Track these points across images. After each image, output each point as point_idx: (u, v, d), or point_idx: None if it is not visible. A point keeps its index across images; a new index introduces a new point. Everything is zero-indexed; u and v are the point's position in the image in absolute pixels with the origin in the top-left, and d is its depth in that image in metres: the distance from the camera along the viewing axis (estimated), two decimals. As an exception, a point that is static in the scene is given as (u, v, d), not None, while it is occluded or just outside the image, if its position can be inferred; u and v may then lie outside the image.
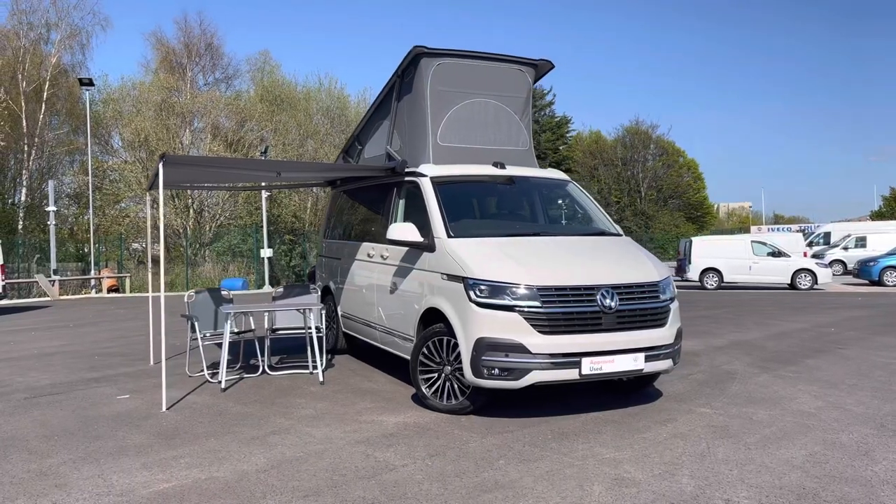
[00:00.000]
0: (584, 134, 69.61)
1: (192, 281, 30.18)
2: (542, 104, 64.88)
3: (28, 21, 33.23)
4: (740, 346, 10.06)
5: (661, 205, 65.48)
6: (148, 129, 32.80)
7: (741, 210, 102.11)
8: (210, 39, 40.34)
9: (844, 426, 5.80)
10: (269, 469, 4.89)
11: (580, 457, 5.09)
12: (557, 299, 5.87)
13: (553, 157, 62.06)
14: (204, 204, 36.21)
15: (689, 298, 20.04)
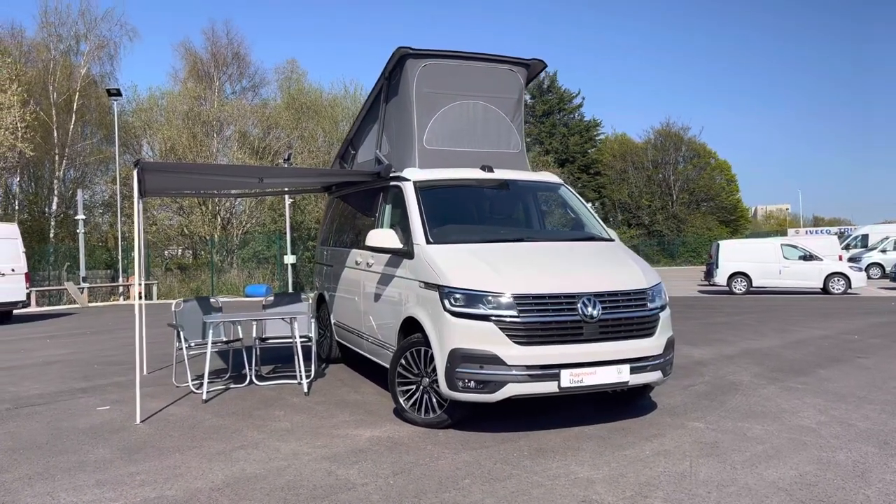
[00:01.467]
0: (612, 137, 68.76)
1: (218, 287, 30.40)
2: (570, 107, 64.37)
3: (57, 33, 33.91)
4: (752, 355, 9.62)
5: (693, 208, 64.31)
6: (175, 137, 33.16)
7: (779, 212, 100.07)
8: (237, 48, 40.76)
9: (844, 443, 5.41)
10: (223, 487, 4.70)
11: (552, 476, 4.80)
12: (535, 308, 5.59)
13: (582, 160, 61.51)
14: (232, 212, 36.51)
15: (712, 304, 19.50)
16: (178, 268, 35.09)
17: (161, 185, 8.70)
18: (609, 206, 63.78)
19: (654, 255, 60.76)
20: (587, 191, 60.86)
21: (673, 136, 65.28)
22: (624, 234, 62.32)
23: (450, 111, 7.43)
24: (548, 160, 57.17)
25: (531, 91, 64.74)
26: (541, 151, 59.83)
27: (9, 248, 20.21)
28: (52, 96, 33.02)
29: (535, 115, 64.04)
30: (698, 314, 16.16)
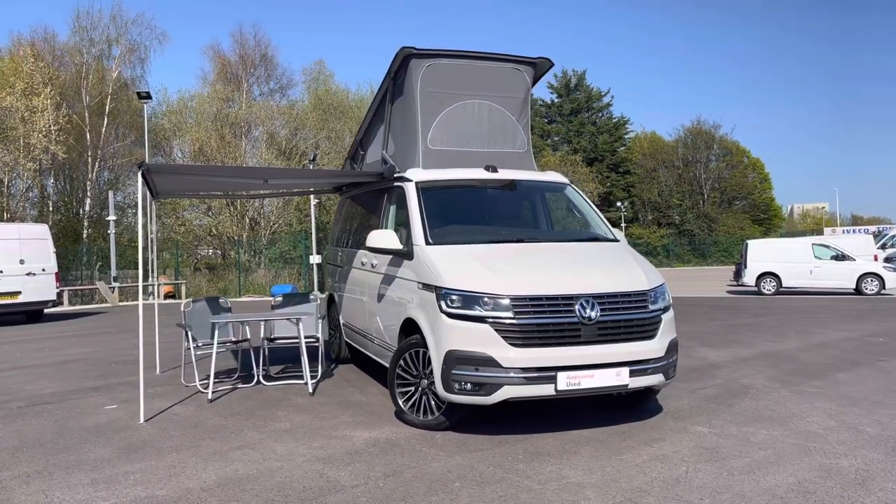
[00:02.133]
0: (641, 135, 68.09)
1: (245, 287, 30.73)
2: (599, 106, 63.92)
3: (90, 37, 34.57)
4: (769, 358, 9.42)
5: (724, 207, 63.45)
6: (203, 139, 33.61)
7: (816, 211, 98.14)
8: (264, 50, 41.20)
9: (850, 449, 5.26)
10: (214, 488, 4.72)
11: (543, 480, 4.74)
12: (532, 310, 5.52)
13: (611, 158, 61.00)
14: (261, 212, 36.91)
15: (738, 305, 19.18)
16: (207, 267, 35.60)
17: (171, 186, 8.80)
18: (638, 205, 63.19)
19: (685, 255, 60.06)
20: (616, 190, 60.39)
21: (704, 133, 64.54)
22: (654, 233, 61.77)
23: (454, 111, 7.39)
24: (576, 159, 56.86)
25: (558, 90, 64.50)
26: (569, 150, 59.55)
27: (39, 249, 20.63)
28: (84, 100, 33.71)
29: (563, 113, 63.74)
30: (721, 315, 15.90)
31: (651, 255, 60.40)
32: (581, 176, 56.01)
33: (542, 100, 65.20)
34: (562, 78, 64.63)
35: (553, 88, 64.80)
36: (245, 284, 31.22)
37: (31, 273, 20.14)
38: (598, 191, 56.90)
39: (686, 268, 55.36)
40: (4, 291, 19.59)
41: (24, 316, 20.91)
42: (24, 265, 19.99)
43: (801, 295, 22.84)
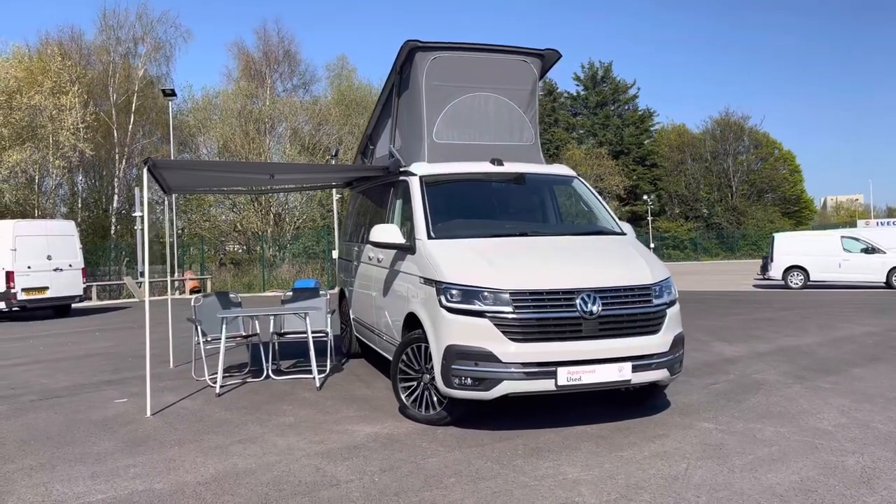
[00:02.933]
0: (668, 127, 67.26)
1: (269, 282, 30.99)
2: (625, 98, 63.30)
3: (116, 36, 35.05)
4: (786, 353, 9.24)
5: (753, 199, 62.51)
6: (228, 135, 33.91)
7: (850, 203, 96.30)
8: (287, 46, 41.44)
9: (859, 447, 5.12)
10: (210, 482, 4.74)
11: (539, 476, 4.69)
12: (532, 304, 5.46)
13: (637, 151, 60.40)
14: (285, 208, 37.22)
15: (762, 299, 18.88)
16: (233, 262, 35.98)
17: (183, 182, 8.86)
18: (665, 198, 62.50)
19: (713, 249, 59.34)
20: (643, 183, 59.79)
21: (733, 125, 63.60)
22: (681, 226, 61.09)
23: (460, 104, 7.34)
24: (601, 152, 56.40)
25: (584, 82, 63.96)
26: (594, 144, 59.06)
27: (66, 245, 21.01)
28: (112, 98, 34.18)
29: (589, 106, 63.23)
30: (743, 310, 15.65)
31: (678, 248, 59.80)
32: (607, 169, 55.58)
33: (568, 92, 64.81)
34: (588, 70, 64.12)
35: (579, 80, 64.35)
36: (269, 279, 31.49)
37: (58, 269, 20.52)
38: (624, 184, 56.40)
39: (714, 261, 54.69)
40: (32, 287, 19.98)
41: (53, 311, 21.35)
42: (51, 261, 20.36)
43: (829, 289, 22.41)
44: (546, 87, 63.63)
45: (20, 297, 19.71)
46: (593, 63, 64.04)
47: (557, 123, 62.57)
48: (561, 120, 62.82)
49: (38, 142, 28.74)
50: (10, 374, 9.49)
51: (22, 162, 27.67)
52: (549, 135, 61.58)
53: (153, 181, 8.32)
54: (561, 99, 64.37)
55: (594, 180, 55.06)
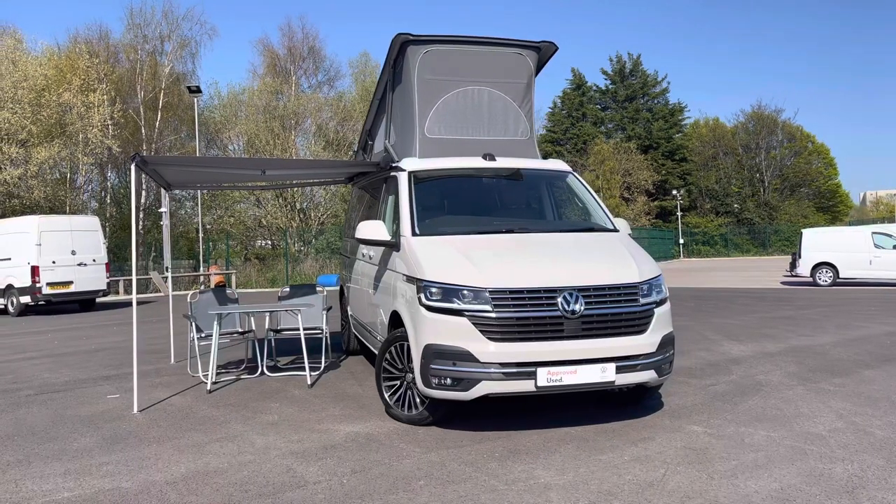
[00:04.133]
0: (700, 121, 66.11)
1: (292, 277, 31.17)
2: (654, 92, 62.38)
3: (143, 34, 35.49)
4: (796, 353, 8.95)
5: (786, 194, 61.23)
6: (252, 131, 34.15)
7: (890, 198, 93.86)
8: (312, 42, 41.59)
9: (850, 454, 4.90)
10: (178, 481, 4.70)
11: (510, 480, 4.56)
12: (512, 303, 5.33)
13: (666, 146, 59.51)
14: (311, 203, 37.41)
15: (786, 296, 18.43)
16: (257, 258, 36.25)
17: (180, 178, 8.87)
18: (695, 193, 61.51)
19: (744, 244, 58.29)
20: (672, 178, 58.89)
21: (765, 119, 62.30)
22: (711, 222, 60.08)
23: (452, 98, 7.20)
24: (630, 146, 55.65)
25: (612, 76, 63.14)
26: (623, 138, 58.31)
27: (91, 240, 21.35)
28: (139, 95, 34.63)
29: (618, 100, 62.43)
30: (764, 307, 15.28)
31: (708, 244, 58.85)
32: (635, 164, 54.84)
33: (596, 86, 64.00)
34: (616, 63, 63.28)
35: (607, 74, 63.51)
36: (293, 275, 31.67)
37: (82, 263, 20.85)
38: (653, 179, 55.61)
39: (745, 257, 53.73)
40: (57, 281, 20.34)
41: (78, 305, 21.73)
42: (75, 256, 20.70)
43: (859, 286, 21.80)
44: (574, 81, 63.03)
45: (45, 292, 20.09)
46: (621, 56, 63.22)
47: (585, 118, 61.89)
48: (589, 114, 62.10)
49: (66, 139, 29.23)
50: (18, 367, 9.62)
51: (50, 159, 28.15)
52: (576, 129, 61.00)
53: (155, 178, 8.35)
54: (589, 93, 63.62)
55: (622, 175, 54.44)
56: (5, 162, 27.62)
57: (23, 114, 27.69)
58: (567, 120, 61.84)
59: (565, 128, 61.56)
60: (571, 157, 57.81)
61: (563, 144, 60.74)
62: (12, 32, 31.16)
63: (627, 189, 55.19)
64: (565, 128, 61.56)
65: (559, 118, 62.42)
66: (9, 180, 27.46)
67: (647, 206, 55.92)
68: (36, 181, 28.16)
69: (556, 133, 61.78)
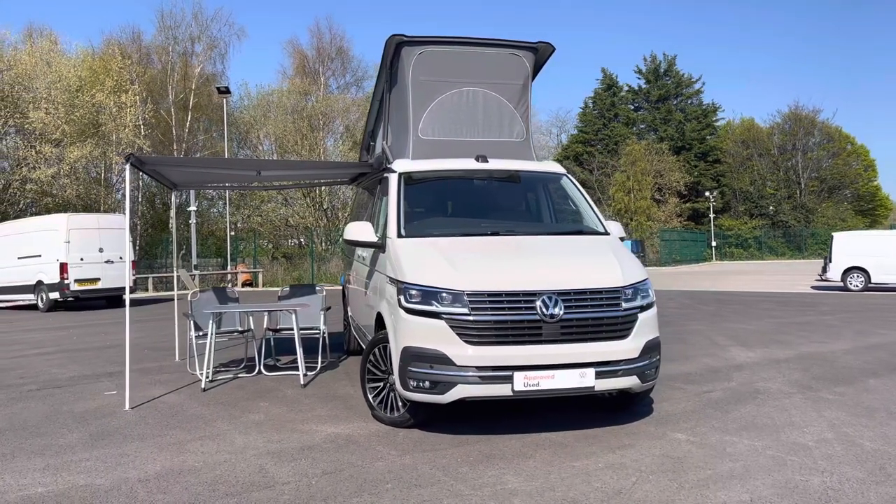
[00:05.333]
0: (735, 122, 65.01)
1: (318, 276, 31.41)
2: (689, 92, 61.55)
3: (174, 36, 36.09)
4: (804, 360, 8.74)
5: (823, 196, 59.89)
6: (280, 132, 34.51)
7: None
8: (340, 43, 41.85)
9: (832, 465, 4.76)
10: (150, 479, 4.75)
11: (477, 485, 4.52)
12: (489, 306, 5.28)
13: (699, 147, 58.70)
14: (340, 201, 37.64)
15: (812, 301, 18.01)
16: (284, 256, 36.64)
17: (184, 178, 8.98)
18: (729, 195, 60.52)
19: (779, 247, 57.21)
20: (705, 179, 58.05)
21: (803, 119, 61.04)
22: (745, 224, 59.05)
23: (447, 100, 7.17)
24: (662, 147, 54.99)
25: (646, 76, 62.45)
26: (655, 139, 57.63)
27: (118, 238, 21.77)
28: (171, 95, 35.22)
29: (650, 100, 61.75)
30: (784, 312, 14.95)
31: (741, 247, 57.86)
32: (667, 165, 54.17)
33: (629, 85, 63.35)
34: (650, 63, 62.58)
35: (640, 74, 62.83)
36: (319, 273, 31.92)
37: (109, 261, 21.29)
38: (685, 180, 54.86)
39: (779, 261, 52.74)
40: (85, 278, 20.81)
41: (105, 301, 22.20)
42: (102, 253, 21.14)
43: (891, 292, 21.23)
44: (605, 81, 62.48)
45: (73, 288, 20.55)
46: (656, 56, 62.51)
47: (617, 118, 61.30)
48: (621, 115, 61.49)
49: (99, 139, 29.85)
50: (30, 362, 9.84)
51: (82, 158, 28.78)
52: (608, 130, 60.45)
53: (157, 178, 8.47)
54: (621, 93, 63.00)
55: (654, 176, 53.79)
56: (39, 161, 28.31)
57: (56, 114, 28.34)
58: (598, 120, 61.33)
59: (597, 128, 61.05)
60: (603, 157, 57.36)
61: (594, 145, 60.26)
62: (48, 34, 31.94)
63: (659, 190, 54.53)
64: (597, 128, 61.05)
65: (590, 118, 61.94)
66: (42, 179, 28.13)
67: (678, 208, 55.19)
68: (69, 180, 28.82)
69: (587, 133, 61.32)
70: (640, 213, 53.16)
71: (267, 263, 34.79)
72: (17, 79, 28.61)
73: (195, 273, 29.92)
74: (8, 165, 30.73)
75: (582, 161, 58.94)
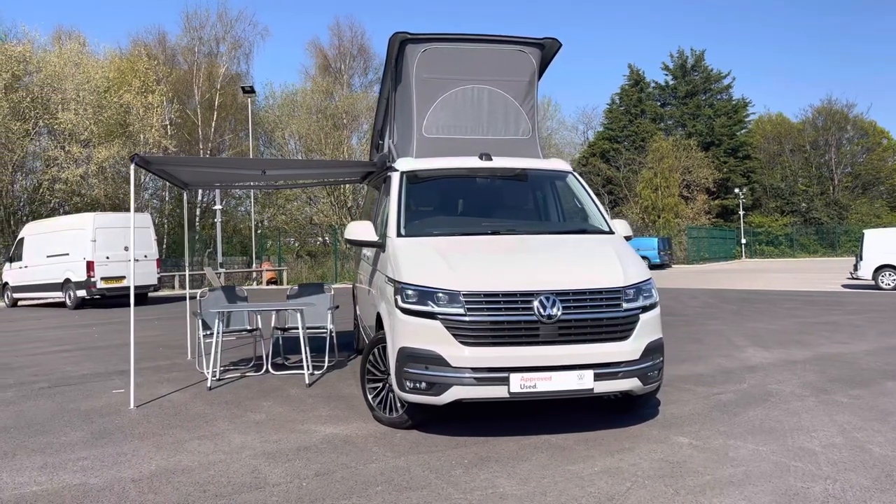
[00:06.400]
0: (765, 117, 63.90)
1: (342, 274, 31.54)
2: (717, 88, 60.71)
3: (199, 37, 36.47)
4: (822, 361, 8.51)
5: (858, 193, 58.65)
6: (303, 131, 34.71)
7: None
8: (360, 41, 41.95)
9: (836, 472, 4.61)
10: (143, 479, 4.76)
11: (469, 489, 4.45)
12: (486, 307, 5.20)
13: (728, 143, 57.84)
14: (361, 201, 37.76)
15: (838, 300, 17.60)
16: (309, 254, 36.87)
17: (195, 178, 9.03)
18: (759, 191, 59.53)
19: (811, 245, 56.18)
20: (734, 176, 57.16)
21: (835, 114, 59.85)
22: (775, 221, 58.06)
23: (451, 97, 7.10)
24: (690, 143, 54.30)
25: (673, 71, 61.69)
26: (683, 135, 56.92)
27: (142, 237, 22.07)
28: (196, 95, 35.61)
29: (678, 96, 61.00)
30: (809, 312, 14.62)
31: (772, 244, 56.90)
32: (695, 161, 53.48)
33: (656, 81, 62.67)
34: (677, 59, 61.81)
35: (668, 70, 62.09)
36: (342, 272, 32.05)
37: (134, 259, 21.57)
38: (714, 177, 54.11)
39: (811, 258, 51.77)
40: (110, 276, 21.13)
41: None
42: (128, 251, 21.41)
43: (924, 290, 20.67)
44: (631, 77, 61.84)
45: (99, 286, 20.88)
46: (683, 51, 61.72)
47: (644, 114, 60.63)
48: (648, 111, 60.81)
49: (126, 139, 30.29)
50: (46, 360, 9.98)
51: (110, 158, 29.21)
52: (635, 126, 59.83)
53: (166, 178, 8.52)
54: (648, 89, 62.30)
55: (682, 173, 53.13)
56: (68, 161, 28.81)
57: (85, 114, 28.81)
58: (625, 117, 60.74)
59: (623, 125, 60.47)
60: (630, 154, 56.81)
61: (620, 142, 59.71)
62: (76, 37, 32.46)
63: (687, 187, 53.86)
64: (623, 125, 60.47)
65: (617, 115, 61.37)
66: (71, 179, 28.61)
67: (707, 205, 54.44)
68: (97, 180, 29.28)
69: (613, 130, 60.76)
70: (668, 210, 52.57)
71: (292, 261, 35.03)
72: (46, 80, 29.14)
73: (220, 271, 30.26)
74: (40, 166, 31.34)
75: (609, 158, 58.45)
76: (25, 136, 28.94)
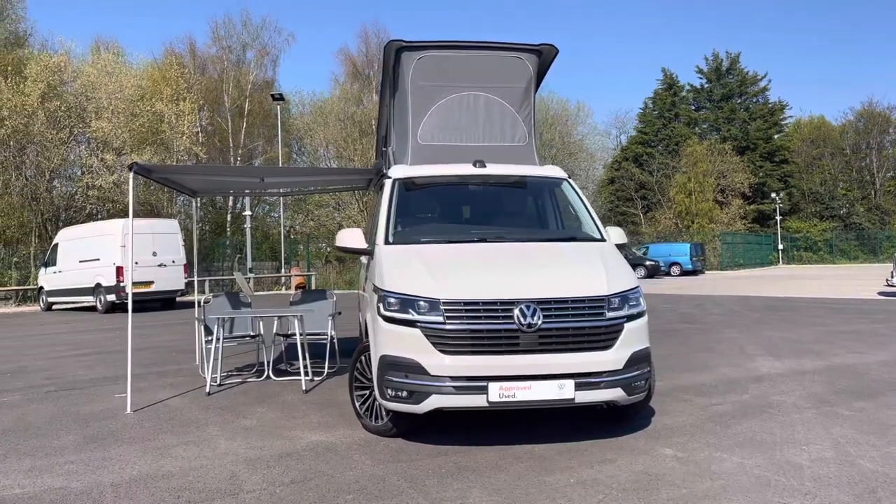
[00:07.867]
0: (803, 120, 62.62)
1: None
2: (753, 90, 59.66)
3: (227, 45, 37.06)
4: (832, 372, 8.28)
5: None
6: (331, 138, 35.02)
7: None
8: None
9: (819, 487, 4.47)
10: (122, 484, 4.83)
11: (438, 499, 4.43)
12: (465, 315, 5.17)
13: (764, 147, 56.81)
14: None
15: (868, 308, 17.12)
16: (337, 259, 37.11)
17: (202, 186, 9.16)
18: (797, 196, 58.30)
19: (851, 251, 54.83)
20: (770, 180, 56.08)
21: (877, 116, 58.39)
22: (814, 226, 56.80)
23: (446, 104, 7.11)
24: (725, 147, 53.46)
25: (707, 75, 60.82)
26: (717, 139, 56.05)
27: (170, 242, 22.50)
28: (226, 103, 36.17)
29: (713, 99, 60.13)
30: (834, 320, 14.25)
31: (810, 250, 55.66)
32: (730, 165, 52.63)
33: (690, 84, 61.84)
34: (712, 62, 60.95)
35: (702, 73, 61.24)
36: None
37: (162, 264, 22.01)
38: (750, 181, 53.15)
39: (851, 265, 50.49)
40: (139, 281, 21.52)
41: (160, 303, 22.94)
42: (156, 257, 21.85)
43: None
44: (665, 80, 61.14)
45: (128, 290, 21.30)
46: (718, 54, 60.85)
47: (678, 118, 59.90)
48: (682, 114, 60.06)
49: (158, 146, 30.90)
50: (63, 364, 10.21)
51: (142, 165, 29.77)
52: (668, 130, 59.14)
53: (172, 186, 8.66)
54: (682, 93, 61.53)
55: (716, 177, 52.31)
56: (102, 168, 29.48)
57: (118, 122, 29.48)
58: (658, 121, 60.08)
59: (657, 129, 59.82)
60: (663, 158, 56.15)
61: (654, 146, 59.06)
62: (113, 47, 33.24)
63: (722, 192, 53.02)
64: (657, 129, 59.82)
65: (650, 119, 60.75)
66: (104, 186, 29.27)
67: (742, 210, 53.49)
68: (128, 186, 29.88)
69: (647, 134, 60.15)
70: (702, 215, 51.80)
71: (321, 266, 35.33)
72: (80, 90, 29.89)
73: (250, 276, 30.65)
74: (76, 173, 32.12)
75: (642, 162, 57.86)
76: (62, 145, 29.69)
